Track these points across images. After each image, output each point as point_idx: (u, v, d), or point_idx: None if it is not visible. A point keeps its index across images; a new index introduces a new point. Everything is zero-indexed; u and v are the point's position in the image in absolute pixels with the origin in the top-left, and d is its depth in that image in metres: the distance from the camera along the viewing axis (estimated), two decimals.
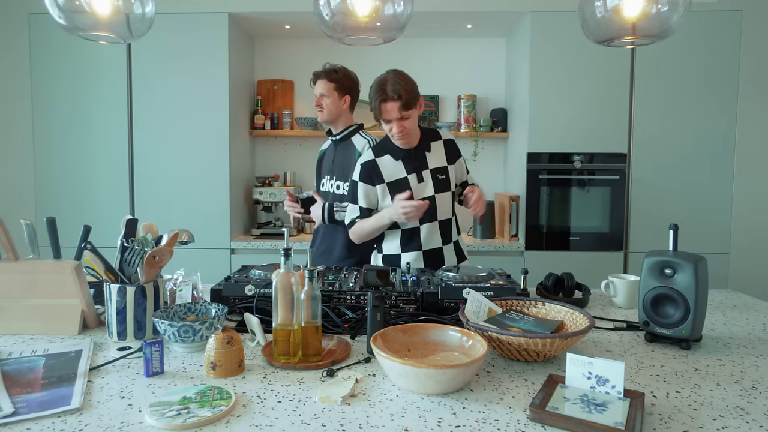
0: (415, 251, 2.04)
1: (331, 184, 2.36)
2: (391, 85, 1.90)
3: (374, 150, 2.09)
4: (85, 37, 1.54)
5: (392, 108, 1.90)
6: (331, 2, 1.50)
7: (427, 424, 0.92)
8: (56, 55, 3.13)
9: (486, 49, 3.66)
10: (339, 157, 2.37)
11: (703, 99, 3.09)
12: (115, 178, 3.18)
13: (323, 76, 2.32)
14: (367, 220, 2.04)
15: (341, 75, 2.32)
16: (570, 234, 3.16)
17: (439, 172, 2.05)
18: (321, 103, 2.31)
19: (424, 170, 2.04)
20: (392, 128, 1.94)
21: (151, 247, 1.38)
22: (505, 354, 1.22)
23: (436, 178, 2.04)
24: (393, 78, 1.92)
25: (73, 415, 0.95)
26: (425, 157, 2.05)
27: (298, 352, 1.19)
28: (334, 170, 2.37)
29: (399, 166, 2.04)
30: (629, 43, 1.57)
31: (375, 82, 1.96)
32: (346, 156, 2.32)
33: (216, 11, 3.11)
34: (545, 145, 3.12)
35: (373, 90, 1.94)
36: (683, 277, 1.28)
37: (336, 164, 2.37)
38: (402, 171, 2.03)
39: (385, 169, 2.04)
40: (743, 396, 1.04)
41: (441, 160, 2.07)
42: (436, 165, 2.06)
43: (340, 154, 2.36)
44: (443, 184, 2.05)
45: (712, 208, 3.13)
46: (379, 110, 1.92)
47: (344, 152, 2.34)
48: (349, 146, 2.33)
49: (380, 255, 2.13)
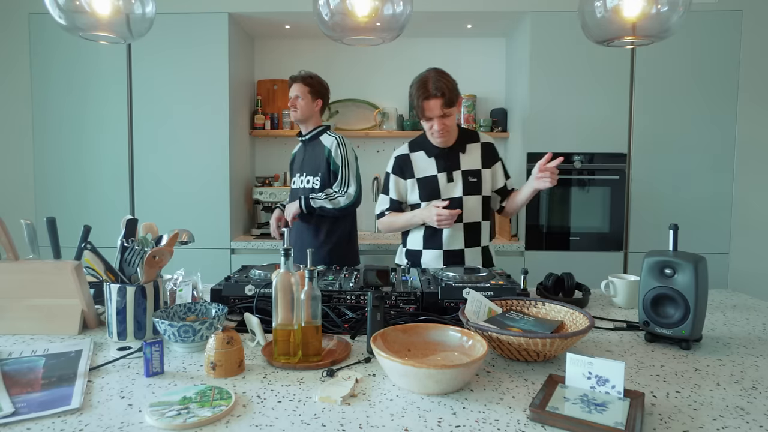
0: (436, 249, 2.05)
1: (302, 180, 2.61)
2: (433, 83, 1.89)
3: (410, 145, 2.11)
4: (85, 37, 1.54)
5: (435, 105, 1.90)
6: (331, 2, 1.50)
7: (427, 424, 0.92)
8: (56, 55, 3.14)
9: (486, 49, 3.66)
10: (308, 155, 2.61)
11: (703, 99, 3.09)
12: (115, 178, 3.18)
13: (299, 80, 2.57)
14: (399, 217, 2.08)
15: (315, 81, 2.58)
16: (570, 234, 3.16)
17: (471, 174, 2.03)
18: (296, 103, 2.56)
19: (455, 170, 2.03)
20: (433, 126, 1.94)
21: (151, 247, 1.38)
22: (505, 354, 1.22)
23: (467, 180, 2.03)
24: (435, 76, 1.92)
25: (73, 415, 0.95)
26: (458, 158, 2.04)
27: (298, 352, 1.19)
28: (304, 167, 2.61)
29: (431, 163, 2.04)
30: (629, 43, 1.57)
31: (416, 80, 1.96)
32: (316, 153, 2.59)
33: (216, 11, 3.11)
34: (545, 145, 3.11)
35: (415, 88, 1.93)
36: (683, 277, 1.28)
37: (306, 162, 2.61)
38: (433, 168, 2.04)
39: (417, 164, 2.06)
40: (743, 396, 1.04)
41: (475, 163, 2.04)
42: (469, 167, 2.04)
43: (309, 153, 2.62)
44: (473, 187, 2.03)
45: (712, 208, 3.13)
46: (422, 108, 1.92)
47: (313, 150, 2.60)
48: (318, 144, 2.59)
49: (404, 249, 2.16)
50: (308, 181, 2.59)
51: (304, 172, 2.60)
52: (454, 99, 1.93)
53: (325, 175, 2.55)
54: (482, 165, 2.05)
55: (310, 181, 2.58)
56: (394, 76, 3.69)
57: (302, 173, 2.61)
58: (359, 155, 3.69)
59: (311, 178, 2.58)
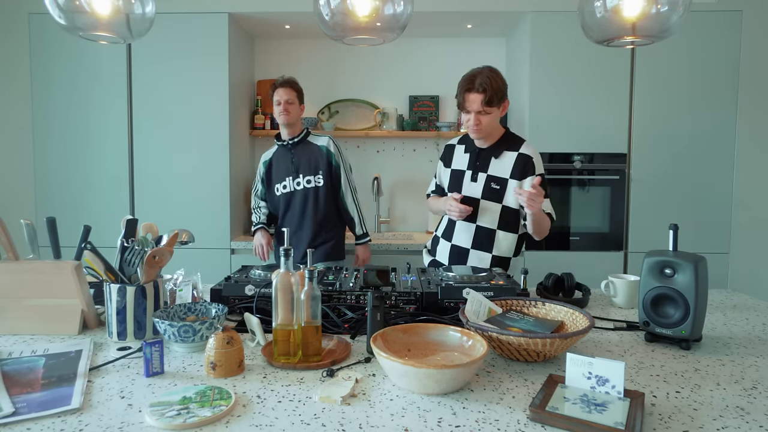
0: (447, 241, 2.13)
1: (297, 183, 2.66)
2: (480, 79, 1.91)
3: (460, 138, 2.18)
4: (85, 37, 1.54)
5: (474, 99, 1.91)
6: (331, 2, 1.50)
7: (427, 424, 0.92)
8: (56, 55, 3.13)
9: (486, 49, 3.66)
10: (300, 156, 2.67)
11: (703, 99, 3.09)
12: (115, 178, 3.18)
13: (288, 85, 2.62)
14: (433, 201, 2.23)
15: (299, 87, 2.65)
16: (570, 234, 3.16)
17: (495, 180, 2.00)
18: (288, 108, 2.60)
19: (481, 172, 2.03)
20: (470, 119, 1.96)
21: (151, 247, 1.38)
22: (505, 354, 1.22)
23: (489, 185, 2.01)
24: (485, 73, 1.93)
25: (73, 415, 0.95)
26: (489, 161, 2.03)
27: (298, 352, 1.19)
28: (299, 169, 2.66)
29: (465, 158, 2.10)
30: (629, 43, 1.57)
31: (468, 72, 1.96)
32: (309, 152, 2.67)
33: (216, 11, 3.11)
34: (545, 145, 3.11)
35: (463, 79, 1.96)
36: (683, 277, 1.28)
37: (300, 163, 2.66)
38: (464, 164, 2.09)
39: (456, 156, 2.15)
40: (743, 396, 1.04)
41: (505, 171, 2.00)
42: (497, 173, 2.01)
43: (300, 154, 2.67)
44: (495, 194, 2.00)
45: (712, 208, 3.13)
46: (463, 99, 1.95)
47: (304, 151, 2.67)
48: (309, 145, 2.68)
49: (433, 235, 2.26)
50: (309, 181, 2.65)
51: (300, 174, 2.65)
52: (496, 100, 1.91)
53: (327, 172, 2.65)
54: (511, 175, 1.99)
55: (311, 181, 2.65)
56: (394, 76, 3.69)
57: (296, 175, 2.65)
58: (359, 155, 3.71)
59: (311, 177, 2.65)
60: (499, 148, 2.03)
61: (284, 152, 2.70)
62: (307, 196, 2.65)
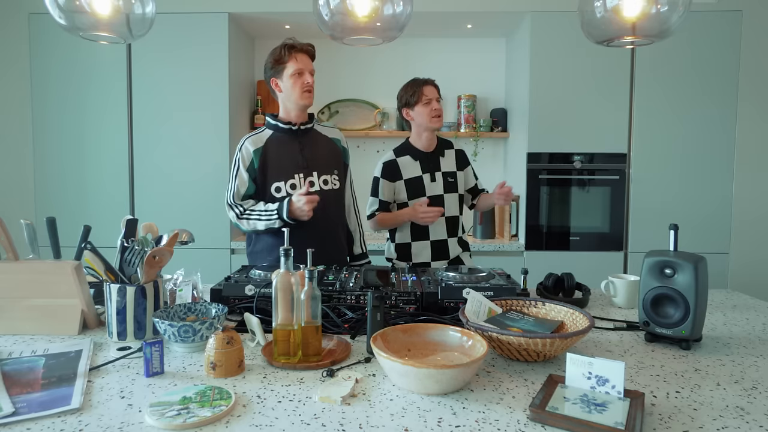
0: (424, 241, 2.29)
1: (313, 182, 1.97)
2: (424, 77, 2.27)
3: (395, 151, 2.33)
4: (85, 37, 1.54)
5: (432, 90, 2.25)
6: (331, 2, 1.50)
7: (427, 424, 0.92)
8: (56, 55, 3.13)
9: (486, 49, 3.66)
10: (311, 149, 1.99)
11: (703, 99, 3.09)
12: (115, 178, 3.18)
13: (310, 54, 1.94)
14: (386, 216, 2.30)
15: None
16: (570, 234, 3.16)
17: (449, 175, 2.34)
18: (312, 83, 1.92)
19: (437, 171, 2.31)
20: (433, 106, 2.23)
21: (151, 247, 1.38)
22: (505, 354, 1.22)
23: (447, 180, 2.32)
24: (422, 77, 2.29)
25: (73, 415, 0.95)
26: (439, 161, 2.33)
27: (298, 352, 1.19)
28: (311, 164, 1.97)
29: (416, 166, 2.30)
30: (629, 43, 1.57)
31: (408, 82, 2.28)
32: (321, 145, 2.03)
33: (216, 11, 3.11)
34: (545, 145, 3.12)
35: (410, 83, 2.26)
36: (683, 277, 1.28)
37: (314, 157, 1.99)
38: (418, 170, 2.29)
39: (404, 168, 2.30)
40: (743, 396, 1.04)
41: (452, 166, 2.36)
42: (448, 169, 2.34)
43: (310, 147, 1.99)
44: (452, 186, 2.33)
45: (712, 208, 3.13)
46: (421, 92, 2.22)
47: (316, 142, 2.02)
48: (319, 136, 2.04)
49: (393, 244, 2.37)
50: (325, 182, 1.99)
51: (313, 172, 1.97)
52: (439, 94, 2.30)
53: (342, 173, 2.09)
54: (457, 168, 2.36)
55: (328, 181, 2.00)
56: (394, 76, 3.68)
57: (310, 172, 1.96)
58: (359, 155, 3.71)
59: (327, 177, 2.00)
60: (440, 149, 2.35)
61: (288, 140, 1.97)
62: (326, 203, 1.94)
